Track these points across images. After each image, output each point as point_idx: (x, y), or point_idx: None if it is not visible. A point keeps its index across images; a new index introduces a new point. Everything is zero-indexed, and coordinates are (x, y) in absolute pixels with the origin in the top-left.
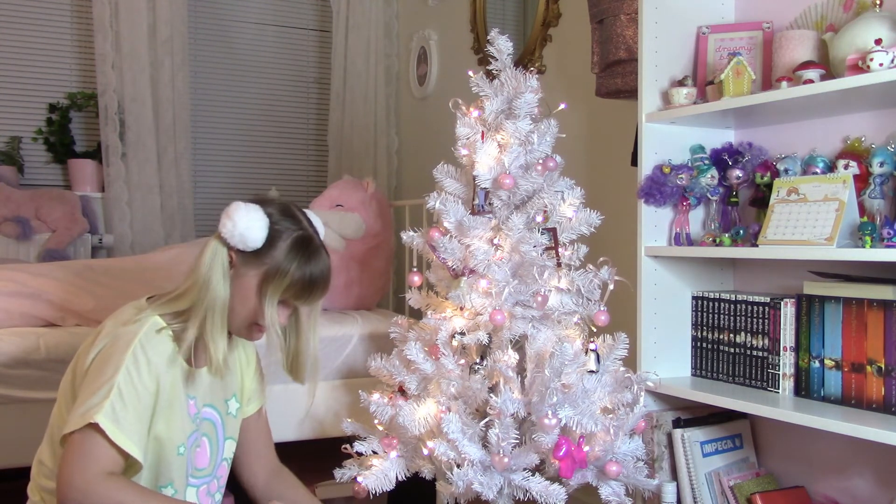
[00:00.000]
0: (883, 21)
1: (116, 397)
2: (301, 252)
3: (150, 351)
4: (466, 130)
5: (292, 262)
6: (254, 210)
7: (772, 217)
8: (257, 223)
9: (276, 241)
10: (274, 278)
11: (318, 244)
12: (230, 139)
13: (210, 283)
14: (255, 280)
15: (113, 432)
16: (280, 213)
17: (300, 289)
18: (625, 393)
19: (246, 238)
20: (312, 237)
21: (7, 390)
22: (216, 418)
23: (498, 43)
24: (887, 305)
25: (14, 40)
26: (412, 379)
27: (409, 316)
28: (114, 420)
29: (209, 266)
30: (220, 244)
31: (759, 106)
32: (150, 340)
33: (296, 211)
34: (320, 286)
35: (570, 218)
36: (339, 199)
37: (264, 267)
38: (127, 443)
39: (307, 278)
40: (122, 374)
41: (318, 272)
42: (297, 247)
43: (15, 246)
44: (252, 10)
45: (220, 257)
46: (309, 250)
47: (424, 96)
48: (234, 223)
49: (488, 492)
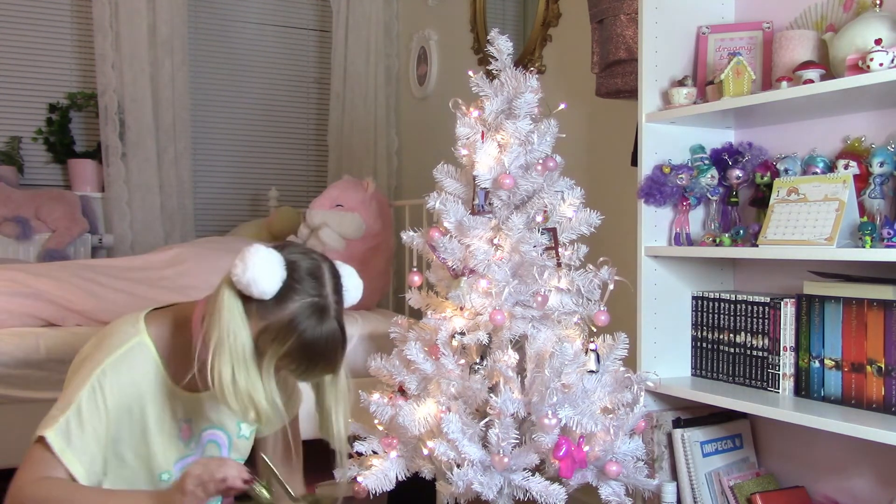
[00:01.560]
0: (883, 21)
1: (74, 414)
2: (308, 320)
3: (124, 373)
4: (466, 130)
5: (295, 329)
6: (271, 259)
7: (772, 217)
8: (270, 274)
9: (288, 300)
10: (272, 339)
11: (331, 315)
12: (230, 139)
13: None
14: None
15: (61, 449)
16: (307, 270)
17: (297, 359)
18: (625, 393)
19: (253, 287)
20: (328, 307)
21: (7, 390)
22: (223, 440)
23: (498, 43)
24: (887, 305)
25: (14, 40)
26: (412, 379)
27: (409, 316)
28: (65, 437)
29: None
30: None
31: (759, 106)
32: (128, 362)
33: (325, 273)
34: (321, 362)
35: (570, 218)
36: (339, 199)
37: (265, 321)
38: (73, 462)
39: (307, 350)
40: (86, 392)
41: (320, 346)
42: (307, 313)
43: (15, 246)
44: (252, 10)
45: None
46: (318, 319)
47: (424, 96)
48: (246, 267)
49: (488, 492)
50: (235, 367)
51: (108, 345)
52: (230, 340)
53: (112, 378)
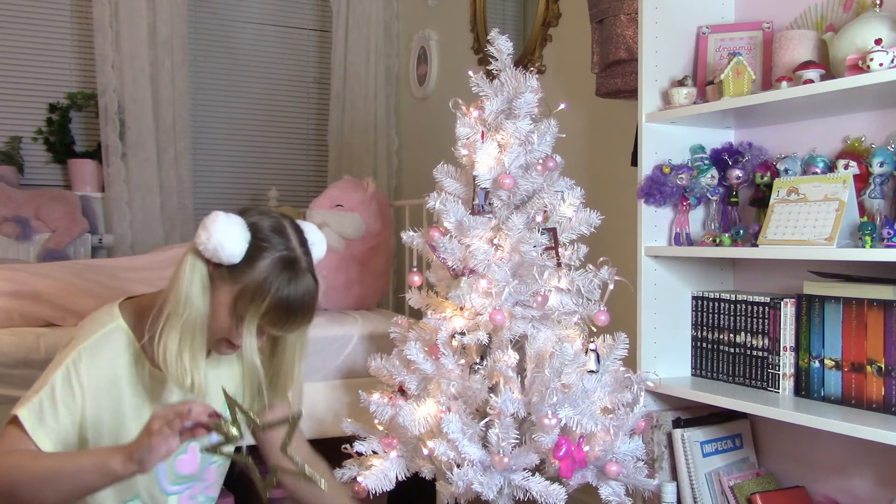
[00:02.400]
0: (883, 21)
1: (47, 395)
2: (282, 275)
3: (98, 356)
4: (466, 130)
5: (271, 286)
6: (233, 222)
7: (772, 217)
8: (235, 237)
9: (258, 258)
10: (250, 300)
11: (303, 267)
12: (230, 139)
13: (190, 299)
14: (228, 297)
15: (33, 427)
16: (270, 227)
17: (276, 316)
18: (625, 393)
19: (220, 252)
20: (298, 259)
21: (7, 390)
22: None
23: (498, 43)
24: (887, 305)
25: (14, 40)
26: (412, 379)
27: (409, 316)
28: (38, 416)
29: (189, 280)
30: (196, 257)
31: (759, 106)
32: (102, 345)
33: (288, 228)
34: (300, 314)
35: (570, 218)
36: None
37: (240, 285)
38: (43, 440)
39: (284, 305)
40: (61, 373)
41: (296, 298)
42: (277, 269)
43: (15, 246)
44: (252, 10)
45: (199, 271)
46: (290, 274)
47: (424, 96)
48: (209, 235)
49: (488, 492)
50: (183, 338)
51: (83, 332)
52: (184, 309)
53: (87, 360)
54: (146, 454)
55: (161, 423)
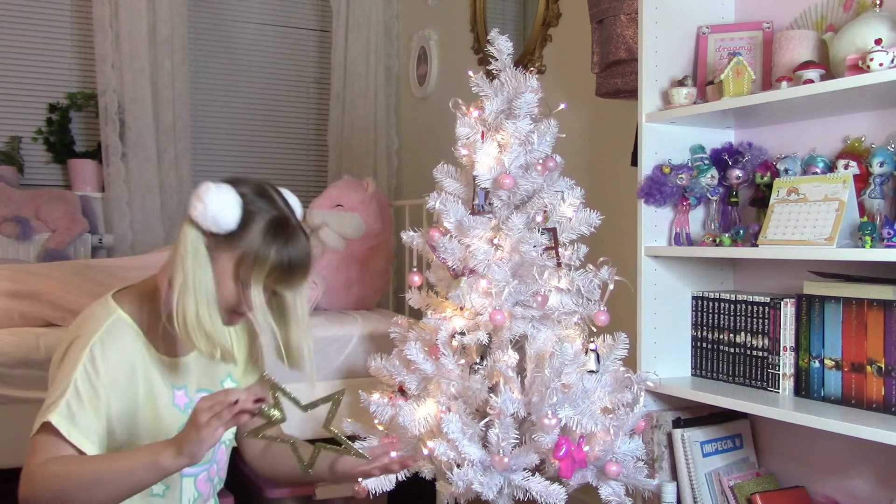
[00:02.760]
0: (883, 21)
1: (73, 395)
2: (278, 234)
3: (110, 349)
4: (466, 130)
5: (270, 246)
6: (225, 191)
7: (772, 217)
8: (229, 204)
9: (251, 223)
10: (253, 264)
11: (295, 225)
12: (230, 139)
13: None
14: (230, 264)
15: (68, 430)
16: (254, 193)
17: (280, 274)
18: (625, 393)
19: (219, 220)
20: (289, 218)
21: (7, 390)
22: None
23: (498, 43)
24: (887, 305)
25: (14, 40)
26: (412, 379)
27: (409, 316)
28: (69, 418)
29: (192, 254)
30: (194, 228)
31: (759, 106)
32: (112, 338)
33: (270, 191)
34: (301, 269)
35: (570, 218)
36: (339, 199)
37: (239, 251)
38: (82, 440)
39: (286, 262)
40: (80, 372)
41: (297, 255)
42: (273, 229)
43: (15, 246)
44: (252, 10)
45: (199, 242)
46: (286, 232)
47: (424, 96)
48: (206, 205)
49: (488, 492)
50: (199, 305)
51: (88, 328)
52: (194, 280)
53: (101, 356)
54: (196, 447)
55: (208, 415)
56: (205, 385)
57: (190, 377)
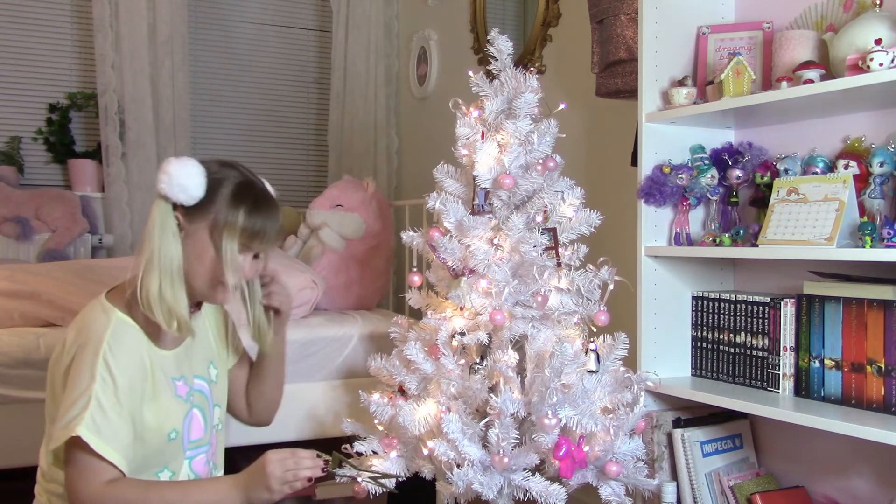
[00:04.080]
0: (883, 21)
1: (95, 407)
2: (245, 195)
3: (119, 352)
4: (466, 130)
5: (239, 208)
6: (187, 162)
7: (772, 217)
8: (194, 173)
9: (218, 188)
10: (224, 227)
11: (261, 188)
12: (230, 139)
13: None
14: (205, 234)
15: (96, 444)
16: (218, 164)
17: (253, 233)
18: (625, 393)
19: (186, 188)
20: (255, 182)
21: (7, 390)
22: (206, 388)
23: (498, 43)
24: (887, 305)
25: (14, 40)
26: (412, 379)
27: (409, 316)
28: (95, 431)
29: (160, 227)
30: (162, 201)
31: (759, 106)
32: (119, 342)
33: (233, 162)
34: (272, 227)
35: (570, 218)
36: (339, 199)
37: (211, 216)
38: (110, 452)
39: (258, 222)
40: (98, 383)
41: (266, 213)
42: (240, 191)
43: (15, 246)
44: (252, 10)
45: (168, 216)
46: (253, 193)
47: (424, 96)
48: (171, 176)
49: (488, 492)
50: (163, 280)
51: (93, 335)
52: (160, 254)
53: (114, 363)
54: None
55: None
56: (199, 372)
57: (185, 367)
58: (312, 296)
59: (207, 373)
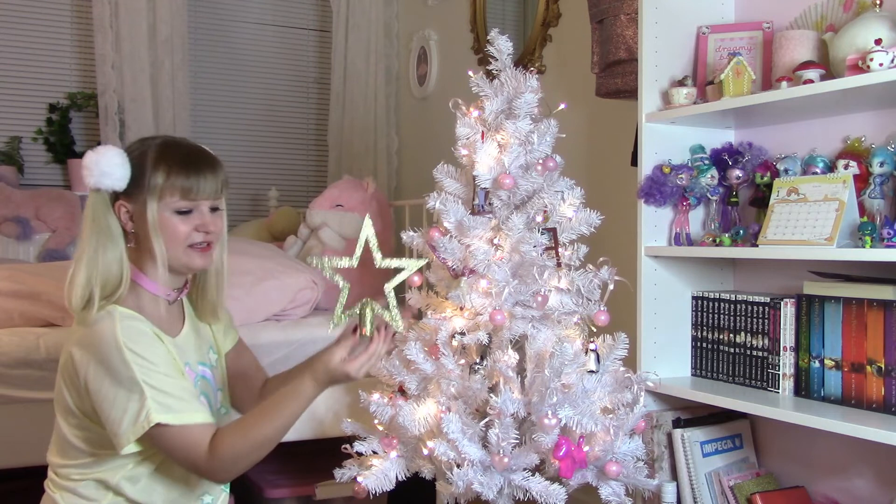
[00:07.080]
0: (883, 21)
1: (150, 390)
2: (168, 153)
3: (136, 337)
4: (466, 130)
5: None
6: (101, 149)
7: (772, 217)
8: (110, 155)
9: (143, 161)
10: (160, 190)
11: (185, 143)
12: (230, 139)
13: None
14: (152, 206)
15: (175, 419)
16: (139, 140)
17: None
18: (625, 393)
19: (109, 173)
20: (177, 140)
21: (7, 390)
22: (209, 374)
23: (498, 43)
24: (887, 305)
25: (14, 40)
26: (412, 379)
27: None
28: (166, 410)
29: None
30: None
31: (759, 106)
32: (130, 328)
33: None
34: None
35: (570, 218)
36: (339, 199)
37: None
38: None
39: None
40: (137, 370)
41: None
42: (162, 152)
43: (15, 246)
44: (252, 10)
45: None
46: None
47: (424, 96)
48: (91, 170)
49: (488, 492)
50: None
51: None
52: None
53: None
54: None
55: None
56: (201, 358)
57: (189, 354)
58: (312, 296)
59: (208, 358)
